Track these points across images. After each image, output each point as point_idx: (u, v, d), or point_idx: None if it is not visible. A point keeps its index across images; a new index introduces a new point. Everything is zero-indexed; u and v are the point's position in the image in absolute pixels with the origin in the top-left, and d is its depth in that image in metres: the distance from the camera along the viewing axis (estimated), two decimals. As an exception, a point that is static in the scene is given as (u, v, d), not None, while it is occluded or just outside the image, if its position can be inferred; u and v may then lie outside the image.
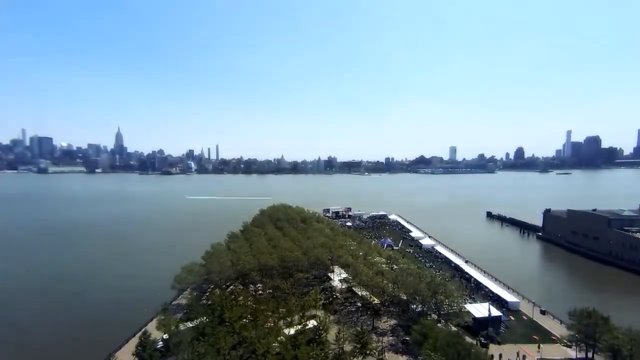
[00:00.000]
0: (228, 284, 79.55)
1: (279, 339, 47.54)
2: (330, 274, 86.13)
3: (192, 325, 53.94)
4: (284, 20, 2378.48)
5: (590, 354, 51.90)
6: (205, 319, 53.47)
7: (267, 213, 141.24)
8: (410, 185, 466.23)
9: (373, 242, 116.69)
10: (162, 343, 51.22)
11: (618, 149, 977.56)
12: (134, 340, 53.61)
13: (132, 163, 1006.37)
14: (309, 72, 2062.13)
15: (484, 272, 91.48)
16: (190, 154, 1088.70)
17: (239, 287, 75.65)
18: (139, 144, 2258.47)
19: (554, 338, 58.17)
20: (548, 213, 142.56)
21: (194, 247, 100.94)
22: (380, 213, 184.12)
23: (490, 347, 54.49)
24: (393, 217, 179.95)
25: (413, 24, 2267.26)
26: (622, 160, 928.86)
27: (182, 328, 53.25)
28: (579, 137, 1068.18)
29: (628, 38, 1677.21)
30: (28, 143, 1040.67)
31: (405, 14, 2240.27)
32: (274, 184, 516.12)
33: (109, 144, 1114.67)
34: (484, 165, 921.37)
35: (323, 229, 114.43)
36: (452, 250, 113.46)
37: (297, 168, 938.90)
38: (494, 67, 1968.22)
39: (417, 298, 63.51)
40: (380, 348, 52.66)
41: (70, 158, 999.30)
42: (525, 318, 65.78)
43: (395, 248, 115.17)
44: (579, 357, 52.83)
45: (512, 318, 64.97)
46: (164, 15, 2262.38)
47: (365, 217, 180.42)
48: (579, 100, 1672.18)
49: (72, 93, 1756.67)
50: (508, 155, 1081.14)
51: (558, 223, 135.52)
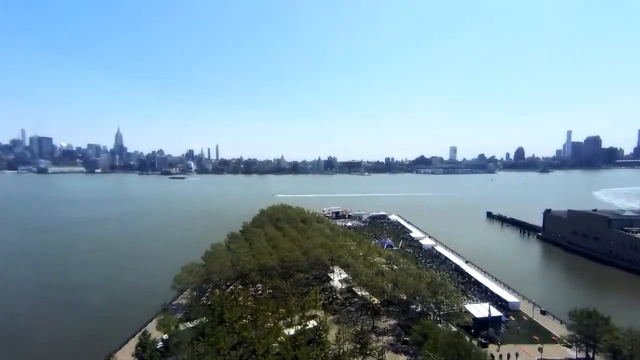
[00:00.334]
0: (228, 284, 79.49)
1: (279, 339, 47.51)
2: (330, 274, 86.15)
3: (192, 326, 53.92)
4: (284, 21, 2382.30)
5: (591, 354, 51.84)
6: (205, 319, 53.43)
7: (267, 213, 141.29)
8: (411, 188, 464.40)
9: (373, 242, 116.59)
10: (162, 343, 51.19)
11: (618, 149, 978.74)
12: (134, 341, 53.54)
13: (132, 163, 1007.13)
14: (309, 72, 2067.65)
15: (484, 272, 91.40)
16: (190, 154, 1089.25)
17: (239, 287, 75.64)
18: (139, 144, 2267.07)
19: (554, 338, 58.08)
20: (548, 213, 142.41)
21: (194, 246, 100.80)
22: (380, 213, 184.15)
23: (490, 347, 54.47)
24: (393, 217, 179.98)
25: (413, 24, 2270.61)
26: (622, 161, 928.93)
27: (182, 328, 53.26)
28: (580, 137, 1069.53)
29: (628, 38, 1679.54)
30: (28, 143, 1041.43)
31: (405, 14, 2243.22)
32: (288, 184, 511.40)
33: (109, 144, 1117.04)
34: (484, 166, 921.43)
35: (323, 229, 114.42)
36: (452, 251, 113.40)
37: (297, 168, 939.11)
38: (494, 67, 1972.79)
39: (417, 298, 63.49)
40: (381, 348, 52.60)
41: (70, 158, 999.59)
42: (526, 318, 65.67)
43: (395, 248, 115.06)
44: (579, 357, 52.76)
45: (512, 318, 64.84)
46: (164, 16, 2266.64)
47: (365, 217, 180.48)
48: (579, 100, 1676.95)
49: (72, 93, 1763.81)
50: (508, 156, 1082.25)
51: (558, 223, 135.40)
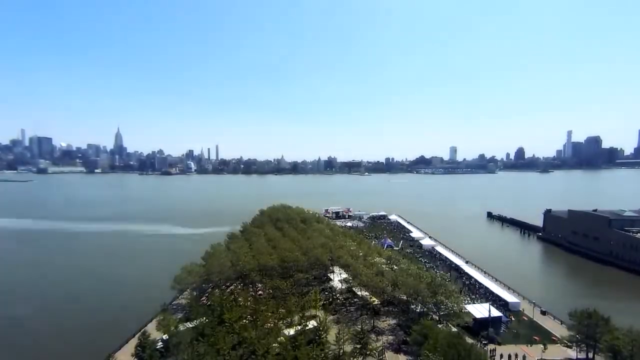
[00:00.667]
0: (228, 285, 79.40)
1: (279, 340, 47.48)
2: (330, 275, 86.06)
3: (191, 326, 53.81)
4: (284, 21, 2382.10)
5: (591, 355, 51.79)
6: (205, 320, 53.39)
7: (266, 213, 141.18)
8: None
9: (373, 242, 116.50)
10: (161, 343, 51.07)
11: (619, 149, 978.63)
12: (134, 341, 53.45)
13: (131, 163, 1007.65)
14: (309, 72, 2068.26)
15: (485, 272, 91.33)
16: (190, 154, 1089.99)
17: (239, 287, 75.56)
18: (139, 144, 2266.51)
19: (555, 338, 58.02)
20: (548, 213, 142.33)
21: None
22: (380, 213, 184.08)
23: (491, 347, 54.42)
24: (393, 217, 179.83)
25: (413, 24, 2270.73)
26: (622, 161, 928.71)
27: (181, 328, 53.12)
28: (580, 137, 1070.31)
29: (628, 38, 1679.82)
30: (27, 143, 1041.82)
31: (405, 15, 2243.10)
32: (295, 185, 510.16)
33: (109, 144, 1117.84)
34: (485, 166, 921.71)
35: (323, 229, 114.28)
36: (452, 251, 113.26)
37: (297, 168, 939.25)
38: (495, 67, 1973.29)
39: (417, 298, 63.42)
40: (381, 348, 52.53)
41: (70, 158, 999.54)
42: (526, 318, 65.59)
43: (396, 248, 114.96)
44: (580, 357, 52.71)
45: (512, 319, 64.82)
46: (164, 16, 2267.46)
47: (365, 217, 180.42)
48: (579, 100, 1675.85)
49: (72, 93, 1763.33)
50: (508, 156, 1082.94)
51: (558, 223, 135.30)
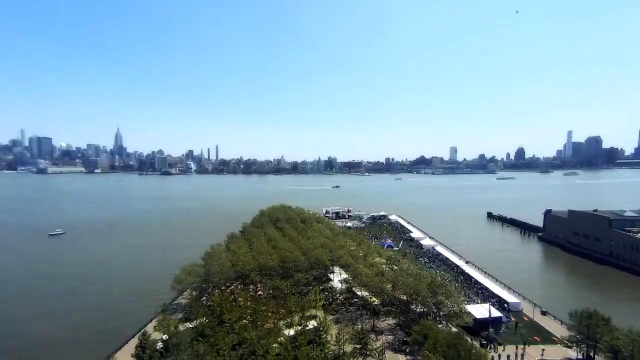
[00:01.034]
0: (228, 285, 79.33)
1: (279, 340, 47.40)
2: (330, 275, 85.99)
3: (191, 326, 53.73)
4: (286, 23, 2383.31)
5: (591, 355, 51.69)
6: (205, 320, 53.25)
7: (266, 213, 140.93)
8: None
9: (373, 242, 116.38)
10: (161, 344, 50.98)
11: (619, 149, 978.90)
12: (134, 341, 53.44)
13: (131, 163, 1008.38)
14: (310, 73, 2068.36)
15: (485, 272, 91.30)
16: (190, 154, 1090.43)
17: (239, 287, 75.47)
18: (139, 145, 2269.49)
19: (555, 339, 57.98)
20: (549, 214, 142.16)
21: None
22: (381, 213, 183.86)
23: (491, 347, 54.32)
24: (393, 217, 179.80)
25: (413, 25, 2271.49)
26: (623, 161, 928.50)
27: (181, 329, 53.07)
28: (580, 137, 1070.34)
29: (629, 38, 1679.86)
30: (27, 143, 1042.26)
31: (405, 15, 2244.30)
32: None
33: (109, 145, 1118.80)
34: (485, 166, 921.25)
35: (323, 230, 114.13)
36: (452, 251, 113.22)
37: (297, 168, 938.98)
38: (495, 67, 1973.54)
39: (417, 299, 63.33)
40: (381, 349, 52.46)
41: (70, 158, 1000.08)
42: (526, 319, 65.53)
43: (396, 249, 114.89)
44: (580, 358, 52.64)
45: (512, 319, 64.72)
46: (165, 16, 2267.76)
47: (365, 217, 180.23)
48: (580, 101, 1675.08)
49: (72, 93, 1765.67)
50: (509, 156, 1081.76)
51: (559, 224, 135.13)
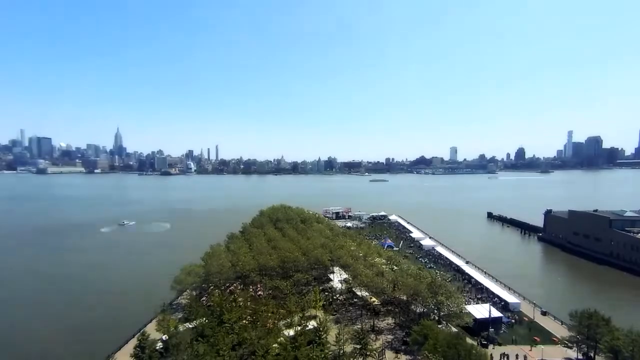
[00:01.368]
0: (228, 285, 79.26)
1: (279, 340, 47.33)
2: (330, 275, 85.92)
3: (191, 326, 53.71)
4: (284, 21, 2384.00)
5: (592, 355, 51.65)
6: (205, 320, 53.21)
7: (266, 214, 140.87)
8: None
9: (373, 242, 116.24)
10: (161, 344, 50.95)
11: (619, 150, 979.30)
12: (133, 342, 53.30)
13: (131, 163, 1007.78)
14: (310, 73, 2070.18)
15: (485, 273, 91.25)
16: (190, 155, 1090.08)
17: (239, 287, 75.40)
18: (139, 145, 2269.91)
19: (555, 339, 57.89)
20: (549, 214, 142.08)
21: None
22: (381, 213, 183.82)
23: (491, 348, 54.30)
24: (393, 217, 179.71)
25: (413, 25, 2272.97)
26: (623, 161, 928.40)
27: (181, 329, 53.03)
28: (580, 137, 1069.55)
29: (629, 38, 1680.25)
30: (27, 143, 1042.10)
31: (406, 15, 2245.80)
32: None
33: (109, 145, 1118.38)
34: (485, 166, 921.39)
35: (323, 230, 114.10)
36: (452, 251, 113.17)
37: (297, 168, 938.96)
38: (495, 67, 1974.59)
39: (417, 299, 63.28)
40: (381, 349, 52.41)
41: (69, 158, 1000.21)
42: (526, 319, 65.45)
43: (396, 249, 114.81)
44: (580, 358, 52.60)
45: (513, 319, 64.70)
46: (165, 17, 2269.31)
47: (365, 217, 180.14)
48: (580, 100, 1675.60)
49: (71, 93, 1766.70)
50: (509, 156, 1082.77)
51: (559, 224, 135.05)
